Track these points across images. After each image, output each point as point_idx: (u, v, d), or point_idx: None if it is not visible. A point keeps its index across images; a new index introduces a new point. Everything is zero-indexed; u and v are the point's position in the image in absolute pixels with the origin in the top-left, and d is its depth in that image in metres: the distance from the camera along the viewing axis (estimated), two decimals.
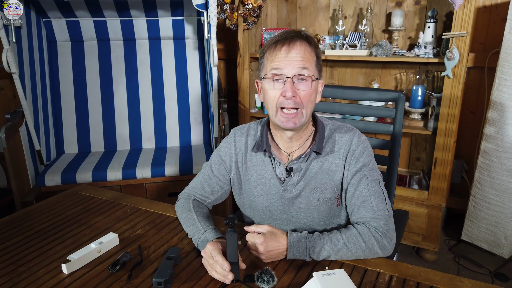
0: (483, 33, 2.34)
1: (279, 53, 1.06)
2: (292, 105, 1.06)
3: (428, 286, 0.97)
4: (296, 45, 1.06)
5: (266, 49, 1.11)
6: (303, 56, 1.06)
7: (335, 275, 0.90)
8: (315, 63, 1.09)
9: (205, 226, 1.12)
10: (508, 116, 1.96)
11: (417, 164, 2.68)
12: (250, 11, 2.30)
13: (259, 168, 1.21)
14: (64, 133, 2.74)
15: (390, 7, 2.46)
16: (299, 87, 1.06)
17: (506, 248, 2.13)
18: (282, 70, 1.06)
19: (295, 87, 1.06)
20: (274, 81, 1.08)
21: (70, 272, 1.03)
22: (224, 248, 1.02)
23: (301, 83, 1.06)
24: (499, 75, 1.97)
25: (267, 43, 1.11)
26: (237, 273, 0.98)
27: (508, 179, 2.02)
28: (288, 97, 1.05)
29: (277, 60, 1.06)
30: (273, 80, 1.08)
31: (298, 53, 1.05)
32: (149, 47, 2.83)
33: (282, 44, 1.06)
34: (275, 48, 1.07)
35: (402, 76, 2.54)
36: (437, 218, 2.27)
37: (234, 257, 0.98)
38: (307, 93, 1.07)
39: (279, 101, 1.07)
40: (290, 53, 1.05)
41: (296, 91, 1.06)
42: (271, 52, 1.08)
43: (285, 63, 1.05)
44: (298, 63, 1.05)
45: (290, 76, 1.05)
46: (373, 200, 1.10)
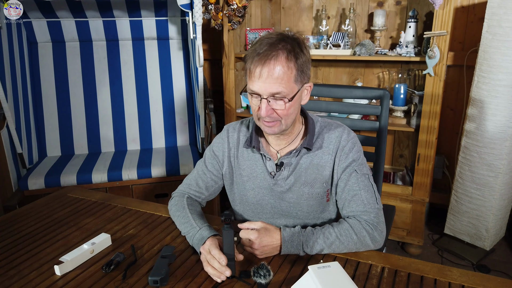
0: (461, 32, 2.42)
1: (255, 72, 1.04)
2: (269, 120, 1.08)
3: (418, 276, 1.00)
4: (270, 65, 1.02)
5: (247, 59, 1.08)
6: (277, 77, 1.03)
7: (330, 267, 0.92)
8: (293, 79, 1.05)
9: (200, 224, 1.12)
10: (487, 113, 2.02)
11: (400, 161, 2.74)
12: (235, 11, 2.31)
13: (251, 163, 1.23)
14: (46, 136, 2.69)
15: (372, 7, 2.51)
16: (275, 107, 1.07)
17: (487, 240, 2.20)
18: (257, 91, 1.06)
19: (270, 106, 1.07)
20: (253, 96, 1.08)
21: (63, 273, 1.02)
22: (221, 245, 1.03)
23: (276, 102, 1.06)
24: (478, 73, 2.04)
25: (249, 53, 1.08)
26: (234, 269, 0.99)
27: (488, 173, 2.09)
28: (263, 115, 1.07)
29: (254, 80, 1.05)
30: (252, 95, 1.09)
31: (273, 75, 1.03)
32: (132, 48, 2.80)
33: (259, 63, 1.03)
34: (253, 63, 1.05)
35: (385, 75, 2.59)
36: (421, 213, 2.33)
37: (231, 253, 0.99)
38: (283, 111, 1.07)
39: (259, 113, 1.09)
40: (263, 75, 1.03)
41: (272, 109, 1.07)
42: (249, 67, 1.06)
43: (259, 85, 1.04)
44: (271, 86, 1.03)
45: (265, 97, 1.05)
46: (363, 194, 1.13)
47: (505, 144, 2.01)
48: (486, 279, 0.98)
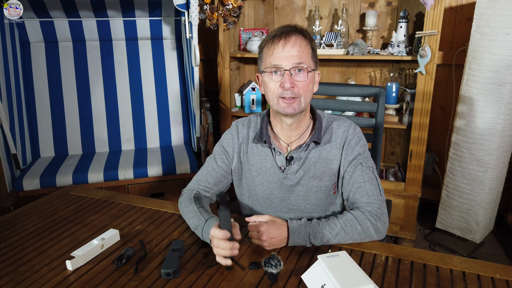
0: (450, 32, 2.49)
1: (277, 48, 1.12)
2: (291, 95, 1.13)
3: (421, 264, 1.04)
4: (291, 39, 1.12)
5: (264, 44, 1.16)
6: (298, 50, 1.12)
7: (339, 256, 0.95)
8: (310, 55, 1.15)
9: (207, 216, 1.15)
10: (477, 109, 2.09)
11: (392, 158, 2.80)
12: (230, 11, 2.34)
13: (260, 158, 1.26)
14: (39, 136, 2.67)
15: (364, 8, 2.57)
16: (297, 79, 1.13)
17: (477, 234, 2.27)
18: (280, 64, 1.12)
19: (293, 79, 1.12)
20: (273, 74, 1.14)
21: (75, 268, 1.03)
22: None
23: (298, 74, 1.13)
24: (467, 71, 2.11)
25: (265, 38, 1.17)
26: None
27: (478, 168, 2.16)
28: (286, 88, 1.11)
29: (275, 54, 1.13)
30: (272, 73, 1.13)
31: (294, 47, 1.12)
32: (126, 48, 2.80)
33: (279, 39, 1.12)
34: (273, 42, 1.13)
35: (376, 74, 2.65)
36: (413, 208, 2.39)
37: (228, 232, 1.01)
38: (304, 83, 1.13)
39: (278, 91, 1.14)
40: (286, 47, 1.12)
41: (294, 82, 1.12)
42: (269, 46, 1.14)
43: (282, 57, 1.12)
44: (294, 57, 1.12)
45: (288, 68, 1.11)
46: (367, 186, 1.17)
47: (494, 139, 2.08)
48: (485, 265, 1.03)
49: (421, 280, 0.98)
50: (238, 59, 2.83)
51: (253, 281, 0.97)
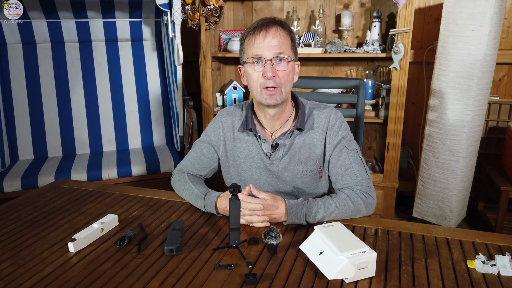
0: (420, 32, 2.64)
1: (258, 39, 1.18)
2: (273, 84, 1.18)
3: (408, 233, 1.12)
4: (272, 30, 1.18)
5: (245, 35, 1.22)
6: (279, 40, 1.18)
7: (334, 226, 1.02)
8: (290, 46, 1.21)
9: (204, 191, 1.22)
10: (447, 102, 2.23)
11: (369, 152, 2.92)
12: (212, 11, 2.40)
13: (247, 145, 1.32)
14: (18, 139, 2.63)
15: (339, 9, 2.69)
16: (278, 68, 1.19)
17: (452, 220, 2.40)
18: (261, 54, 1.18)
19: (274, 68, 1.18)
20: (254, 64, 1.19)
21: (77, 250, 1.05)
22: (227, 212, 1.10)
23: (279, 64, 1.19)
24: (438, 67, 2.25)
25: (246, 31, 1.22)
26: (239, 238, 1.05)
27: (450, 157, 2.29)
28: (268, 77, 1.17)
29: (256, 45, 1.18)
30: (254, 63, 1.19)
31: (274, 38, 1.17)
32: (106, 49, 2.80)
33: (260, 30, 1.18)
34: (254, 34, 1.19)
35: (353, 72, 2.77)
36: (391, 198, 2.50)
37: (237, 223, 1.05)
38: (285, 73, 1.20)
39: (261, 81, 1.19)
40: (267, 38, 1.17)
41: (276, 72, 1.18)
42: (250, 37, 1.19)
43: (263, 47, 1.17)
44: (275, 47, 1.17)
45: (269, 58, 1.17)
46: (354, 167, 1.25)
47: (464, 130, 2.22)
48: (466, 232, 1.12)
49: (409, 246, 1.06)
50: (219, 59, 2.88)
51: (253, 254, 1.02)
